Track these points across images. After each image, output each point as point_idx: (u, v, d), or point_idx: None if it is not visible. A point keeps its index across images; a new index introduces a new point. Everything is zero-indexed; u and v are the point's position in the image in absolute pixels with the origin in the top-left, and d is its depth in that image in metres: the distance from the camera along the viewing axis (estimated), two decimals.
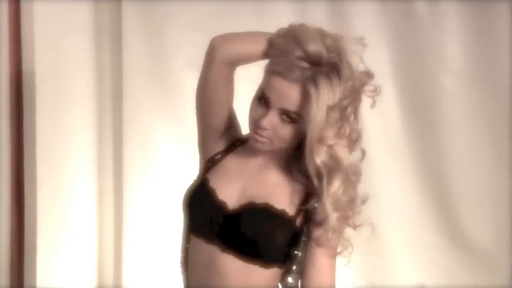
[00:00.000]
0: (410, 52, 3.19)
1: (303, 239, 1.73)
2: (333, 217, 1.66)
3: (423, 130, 3.25)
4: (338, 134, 1.65)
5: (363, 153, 1.73)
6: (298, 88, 1.61)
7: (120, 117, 3.11)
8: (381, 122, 3.19)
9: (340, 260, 1.77)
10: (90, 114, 3.10)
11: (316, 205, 1.71)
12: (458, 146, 3.23)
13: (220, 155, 1.86)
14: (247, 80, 1.80)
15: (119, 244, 3.16)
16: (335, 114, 1.62)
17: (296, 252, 1.73)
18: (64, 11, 2.99)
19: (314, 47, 1.60)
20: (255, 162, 1.80)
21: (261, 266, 1.73)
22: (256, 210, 1.72)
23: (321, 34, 1.64)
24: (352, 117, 1.67)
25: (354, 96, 1.66)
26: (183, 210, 1.84)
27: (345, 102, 1.63)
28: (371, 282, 3.29)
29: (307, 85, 1.59)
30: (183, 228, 1.87)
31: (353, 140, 1.70)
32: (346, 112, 1.65)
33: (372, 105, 1.72)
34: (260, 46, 1.70)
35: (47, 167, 2.98)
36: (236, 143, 1.87)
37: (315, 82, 1.58)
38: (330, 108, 1.60)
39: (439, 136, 3.24)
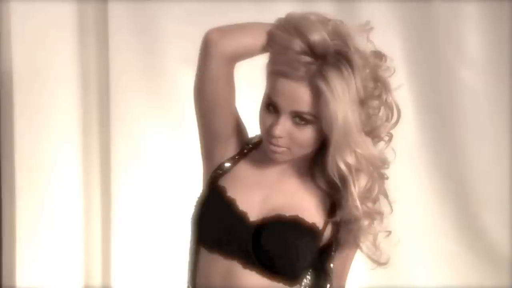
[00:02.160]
0: (426, 44, 3.13)
1: (332, 253, 1.68)
2: (363, 222, 1.61)
3: (440, 129, 3.19)
4: (366, 131, 1.58)
5: (390, 136, 1.65)
6: (307, 86, 1.52)
7: (107, 113, 3.07)
8: None
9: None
10: (75, 111, 3.08)
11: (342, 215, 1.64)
12: (479, 145, 3.17)
13: (231, 162, 1.74)
14: (247, 78, 1.78)
15: (107, 242, 3.14)
16: (356, 107, 1.53)
17: (323, 268, 1.69)
18: (44, 3, 2.95)
19: (317, 37, 1.50)
20: (273, 169, 1.70)
21: (285, 284, 1.64)
22: (285, 224, 1.63)
23: (322, 21, 1.54)
24: (381, 109, 1.60)
25: (380, 85, 1.58)
26: (194, 224, 1.72)
27: (368, 92, 1.55)
28: None
29: (315, 81, 1.50)
30: (191, 242, 1.77)
31: (382, 135, 1.64)
32: (372, 104, 1.57)
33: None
34: (259, 39, 1.60)
35: (27, 162, 3.00)
36: (246, 147, 1.76)
37: (323, 76, 1.50)
38: (350, 101, 1.51)
39: (458, 135, 3.18)
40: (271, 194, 1.68)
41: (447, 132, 3.18)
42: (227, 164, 1.74)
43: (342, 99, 1.50)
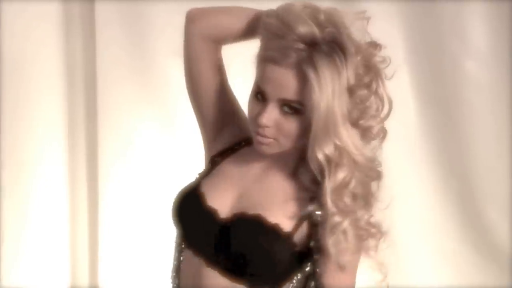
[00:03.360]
0: (429, 36, 3.10)
1: (312, 258, 1.60)
2: (335, 219, 1.53)
3: (444, 123, 3.17)
4: (352, 122, 1.53)
5: (383, 132, 1.59)
6: (296, 73, 1.50)
7: (94, 109, 3.07)
8: (395, 115, 2.97)
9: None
10: (61, 107, 3.07)
11: (318, 212, 1.58)
12: (483, 140, 3.14)
13: (220, 157, 1.75)
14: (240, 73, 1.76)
15: (94, 240, 3.14)
16: (345, 98, 1.50)
17: (299, 275, 1.61)
18: None
19: (305, 29, 1.48)
20: (258, 166, 1.68)
21: (247, 287, 1.60)
22: (247, 222, 1.60)
23: (313, 10, 1.52)
24: (371, 100, 1.55)
25: (371, 73, 1.54)
26: (172, 217, 1.74)
27: (359, 82, 1.51)
28: None
29: (304, 67, 1.48)
30: (176, 236, 1.77)
31: (372, 129, 1.57)
32: (361, 93, 1.53)
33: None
34: (240, 21, 1.63)
35: (12, 159, 3.00)
36: (242, 143, 1.76)
37: (312, 63, 1.47)
38: (338, 91, 1.48)
39: (462, 130, 3.15)
40: (248, 191, 1.65)
41: (450, 126, 3.16)
42: (217, 159, 1.75)
43: (328, 88, 1.47)
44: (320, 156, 1.51)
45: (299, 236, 1.59)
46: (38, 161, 3.04)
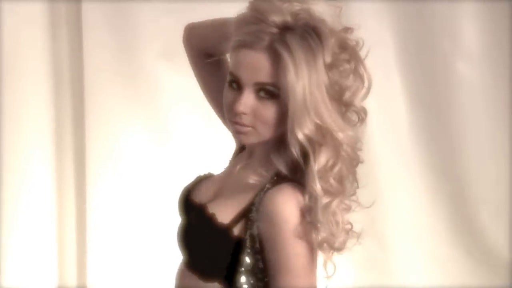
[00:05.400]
0: (420, 36, 3.10)
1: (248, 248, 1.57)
2: (323, 200, 1.50)
3: (435, 125, 3.16)
4: (330, 100, 1.52)
5: (364, 113, 1.58)
6: (269, 55, 1.50)
7: (81, 113, 3.07)
8: (385, 117, 3.09)
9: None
10: (48, 111, 3.07)
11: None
12: (476, 143, 3.14)
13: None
14: None
15: (82, 247, 3.14)
16: (323, 77, 1.50)
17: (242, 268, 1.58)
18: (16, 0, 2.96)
19: (279, 17, 1.50)
20: (243, 161, 1.70)
21: (199, 278, 1.62)
22: (195, 217, 1.66)
23: (286, 0, 1.55)
24: (349, 79, 1.55)
25: (347, 53, 1.55)
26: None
27: (335, 61, 1.52)
28: None
29: (277, 48, 1.49)
30: None
31: (353, 107, 1.57)
32: (339, 70, 1.53)
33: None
34: (221, 28, 1.64)
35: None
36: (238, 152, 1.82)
37: (285, 44, 1.48)
38: (314, 70, 1.49)
39: (454, 132, 3.15)
40: (222, 188, 1.70)
41: (442, 129, 3.16)
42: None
43: (303, 67, 1.48)
44: (300, 136, 1.49)
45: (239, 228, 1.58)
46: (25, 166, 3.03)
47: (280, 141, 1.58)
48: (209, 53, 1.72)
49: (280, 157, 1.57)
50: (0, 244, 3.00)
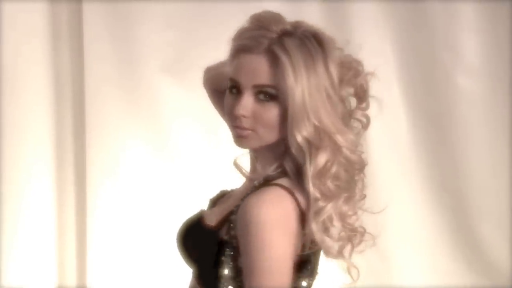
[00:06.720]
0: (421, 49, 3.11)
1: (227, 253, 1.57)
2: (320, 204, 1.49)
3: (436, 138, 3.16)
4: (330, 104, 1.52)
5: (367, 120, 1.61)
6: (268, 58, 1.51)
7: (82, 125, 3.07)
8: (387, 129, 3.08)
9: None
10: (49, 123, 3.07)
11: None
12: (476, 155, 3.14)
13: None
14: None
15: (82, 262, 3.14)
16: (323, 81, 1.51)
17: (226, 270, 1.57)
18: (15, 10, 2.95)
19: (279, 26, 1.53)
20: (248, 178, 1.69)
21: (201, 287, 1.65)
22: (195, 227, 1.66)
23: (283, 18, 1.58)
24: (353, 81, 1.57)
25: (349, 69, 1.57)
26: None
27: (341, 74, 1.54)
28: None
29: (275, 51, 1.50)
30: None
31: (355, 113, 1.60)
32: (341, 74, 1.55)
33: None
34: (226, 63, 1.66)
35: None
36: None
37: (283, 46, 1.50)
38: (312, 72, 1.50)
39: (455, 144, 3.15)
40: (226, 199, 1.73)
41: (443, 141, 3.16)
42: None
43: (301, 69, 1.48)
44: (299, 139, 1.49)
45: (224, 230, 1.57)
46: (26, 177, 3.02)
47: (285, 145, 1.57)
48: (222, 89, 1.72)
49: (285, 161, 1.57)
50: (0, 244, 3.00)
